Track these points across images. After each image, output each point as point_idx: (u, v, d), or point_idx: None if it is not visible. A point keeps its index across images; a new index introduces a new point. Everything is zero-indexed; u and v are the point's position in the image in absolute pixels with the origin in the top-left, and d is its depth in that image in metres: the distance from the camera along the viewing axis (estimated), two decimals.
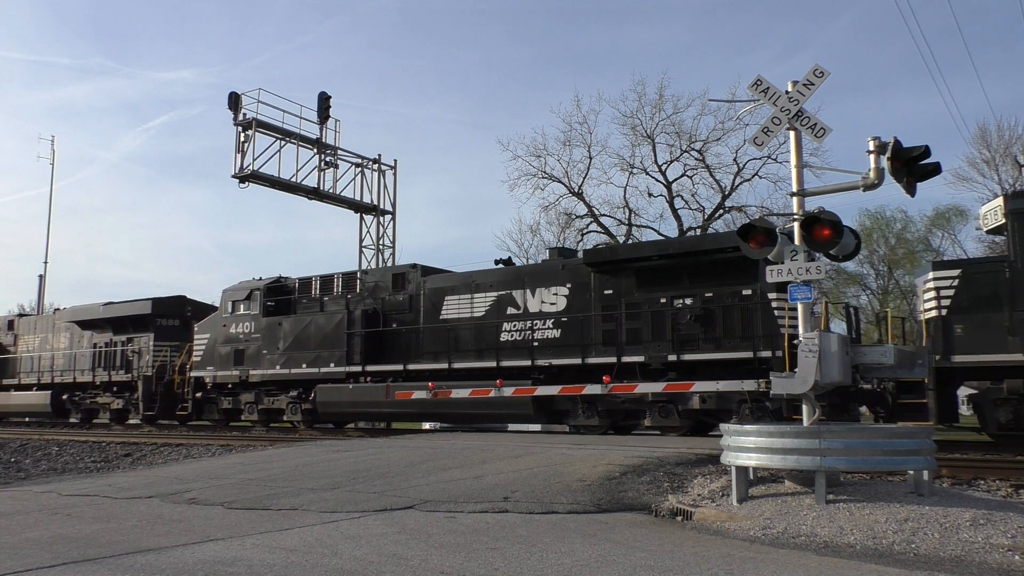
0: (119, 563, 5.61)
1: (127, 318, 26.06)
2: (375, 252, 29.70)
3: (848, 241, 7.89)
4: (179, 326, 25.82)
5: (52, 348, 28.51)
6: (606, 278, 16.37)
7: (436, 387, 18.38)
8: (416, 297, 19.04)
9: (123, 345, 25.93)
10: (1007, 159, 33.90)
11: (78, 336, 27.77)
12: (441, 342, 18.20)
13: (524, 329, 17.25)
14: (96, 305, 27.53)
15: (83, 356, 27.14)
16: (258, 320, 21.41)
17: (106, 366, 26.23)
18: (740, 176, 33.81)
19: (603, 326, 16.20)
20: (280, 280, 22.04)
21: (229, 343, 21.92)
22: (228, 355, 21.88)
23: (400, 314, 19.24)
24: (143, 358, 25.31)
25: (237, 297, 22.14)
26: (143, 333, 25.72)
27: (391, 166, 30.68)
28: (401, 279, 19.49)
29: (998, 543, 5.73)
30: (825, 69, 8.03)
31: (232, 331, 21.93)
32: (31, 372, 28.80)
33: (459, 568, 5.28)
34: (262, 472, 10.94)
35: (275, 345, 20.80)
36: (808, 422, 7.56)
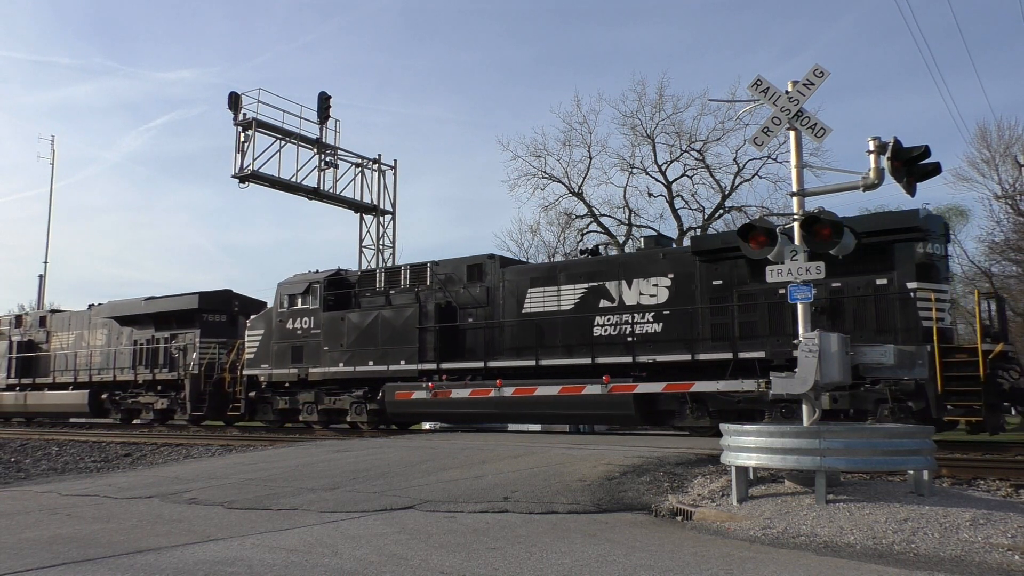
0: (119, 563, 5.61)
1: (171, 313, 24.92)
2: (375, 252, 29.70)
3: (848, 241, 7.90)
4: (226, 322, 24.68)
5: (88, 345, 27.27)
6: (714, 267, 15.18)
7: (436, 387, 18.37)
8: (494, 289, 17.90)
9: (166, 342, 24.75)
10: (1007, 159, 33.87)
11: (116, 332, 26.51)
12: (525, 337, 17.17)
13: (620, 323, 16.09)
14: (137, 300, 26.22)
15: (123, 354, 25.89)
16: (318, 315, 20.17)
17: (148, 364, 25.05)
18: (740, 176, 33.78)
19: (712, 319, 15.07)
20: (339, 273, 20.84)
21: (285, 339, 20.67)
22: (284, 352, 20.66)
23: (476, 308, 18.11)
24: (189, 355, 24.05)
25: (294, 291, 20.81)
26: (188, 329, 24.46)
27: (391, 166, 30.69)
28: (477, 270, 18.35)
29: (998, 543, 5.73)
30: (825, 69, 8.04)
31: (289, 327, 20.66)
32: (66, 370, 27.49)
33: (459, 568, 5.28)
34: (262, 472, 10.95)
35: (338, 341, 19.63)
36: (808, 422, 7.56)
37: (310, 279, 20.70)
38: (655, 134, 34.59)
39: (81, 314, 28.38)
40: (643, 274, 16.10)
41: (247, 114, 25.94)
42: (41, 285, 42.91)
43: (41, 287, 42.93)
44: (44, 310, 29.58)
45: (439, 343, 18.13)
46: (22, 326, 29.83)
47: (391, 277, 19.82)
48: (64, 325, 28.61)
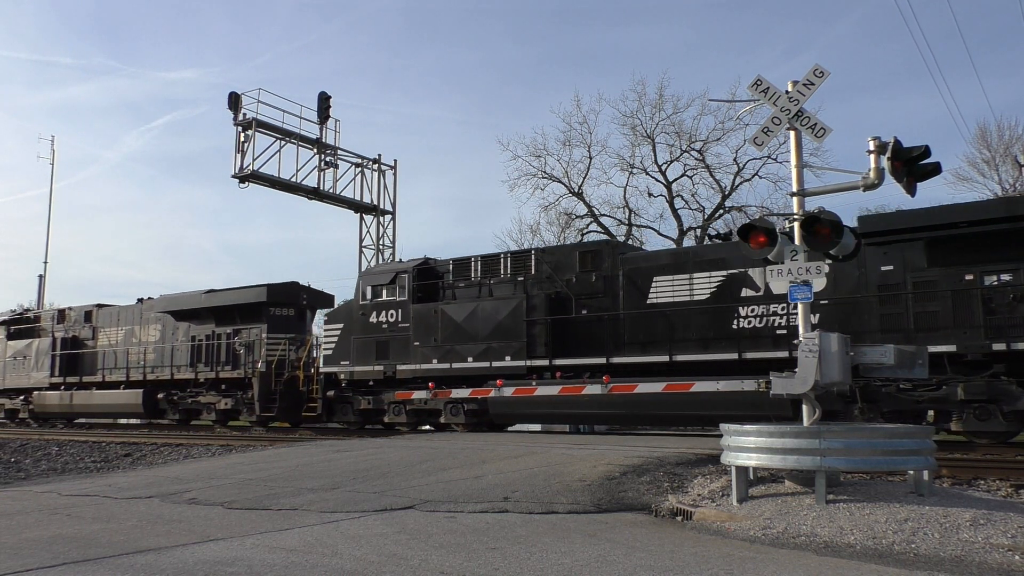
0: (119, 563, 5.61)
1: (234, 307, 23.32)
2: (375, 252, 29.70)
3: (848, 241, 7.89)
4: (294, 316, 23.21)
5: (140, 341, 25.76)
6: (883, 252, 13.71)
7: (436, 387, 18.34)
8: (613, 278, 16.42)
9: (228, 338, 23.23)
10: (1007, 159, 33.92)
11: (171, 328, 25.03)
12: (651, 330, 15.67)
13: (766, 314, 14.61)
14: (196, 293, 24.72)
15: (179, 350, 24.38)
16: (407, 307, 18.71)
17: (208, 361, 23.57)
18: (740, 176, 33.86)
19: (880, 310, 13.66)
20: (428, 262, 19.56)
21: (369, 334, 19.20)
22: (368, 347, 19.18)
23: (592, 298, 16.59)
24: (255, 352, 22.47)
25: (379, 282, 19.37)
26: (254, 324, 22.89)
27: (391, 166, 30.69)
28: (593, 257, 16.82)
29: (998, 543, 5.73)
30: (825, 69, 8.04)
31: (373, 320, 19.16)
32: (116, 368, 25.98)
33: (459, 568, 5.28)
34: (262, 472, 10.94)
35: (430, 336, 18.18)
36: (808, 422, 7.56)
37: (397, 268, 19.48)
38: (655, 134, 34.68)
39: (131, 308, 26.87)
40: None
41: (247, 114, 25.95)
42: (41, 285, 42.98)
43: (41, 287, 43.00)
44: (89, 304, 28.06)
45: (550, 337, 16.68)
46: (65, 321, 28.36)
47: (489, 266, 18.46)
48: (112, 320, 27.05)
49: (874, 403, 13.30)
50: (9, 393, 29.80)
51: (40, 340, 28.35)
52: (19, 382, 28.76)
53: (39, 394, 27.64)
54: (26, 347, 28.75)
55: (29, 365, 28.35)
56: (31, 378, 28.08)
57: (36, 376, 27.86)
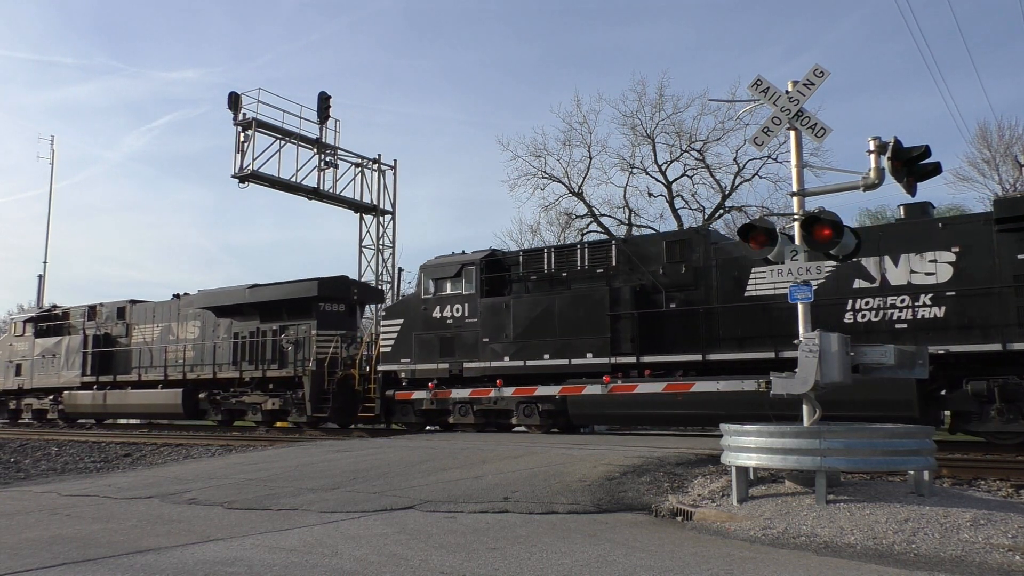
0: (119, 563, 5.61)
1: (281, 303, 22.03)
2: (375, 252, 29.72)
3: (848, 241, 7.89)
4: (344, 312, 21.97)
5: (177, 339, 24.49)
6: (1020, 239, 12.62)
7: (435, 387, 18.32)
8: (705, 270, 15.37)
9: (274, 335, 22.02)
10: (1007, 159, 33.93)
11: (212, 324, 23.76)
12: (750, 325, 14.61)
13: (884, 307, 13.57)
14: (239, 288, 23.31)
15: (221, 348, 23.14)
16: (474, 301, 17.60)
17: (253, 359, 22.25)
18: (740, 176, 33.87)
19: (1017, 301, 12.56)
20: (495, 253, 18.60)
21: (432, 330, 18.10)
22: (431, 344, 18.13)
23: (681, 291, 15.56)
24: (306, 349, 21.26)
25: (442, 274, 18.25)
26: (302, 320, 21.65)
27: (391, 166, 30.70)
28: (681, 247, 15.79)
29: (998, 543, 5.73)
30: (825, 69, 8.03)
31: (436, 315, 18.10)
32: (152, 367, 24.72)
33: (459, 568, 5.28)
34: (262, 472, 10.94)
35: (501, 332, 17.07)
36: (808, 422, 7.56)
37: (463, 260, 18.22)
38: (655, 134, 34.68)
39: (167, 304, 25.48)
40: (914, 248, 13.41)
41: (247, 114, 25.95)
42: (40, 285, 42.96)
43: (40, 287, 42.98)
44: (122, 300, 26.68)
45: (637, 333, 15.57)
46: (96, 318, 26.98)
47: (564, 257, 17.32)
48: (147, 317, 25.71)
49: (1013, 402, 12.47)
50: (37, 393, 28.31)
51: (70, 338, 27.04)
52: (48, 381, 27.38)
53: (70, 394, 26.35)
54: (55, 345, 27.44)
55: (59, 364, 27.02)
56: (61, 377, 26.83)
57: (66, 375, 26.65)
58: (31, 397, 28.51)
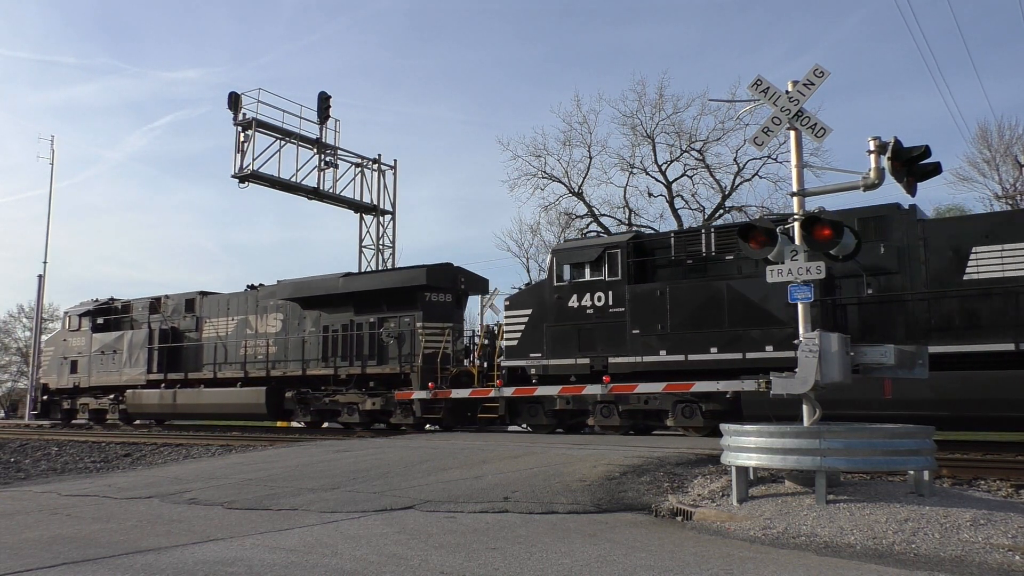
0: (119, 563, 5.61)
1: (381, 293, 20.19)
2: (375, 252, 29.73)
3: (848, 241, 7.89)
4: (451, 302, 20.15)
5: (257, 333, 22.61)
6: None
7: (435, 387, 18.32)
8: (909, 249, 13.58)
9: (372, 328, 20.14)
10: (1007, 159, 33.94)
11: (296, 317, 21.86)
12: (972, 314, 12.97)
13: None
14: (331, 277, 21.48)
15: (309, 343, 21.28)
16: (620, 289, 15.88)
17: (346, 355, 20.43)
18: (740, 176, 33.85)
19: None
20: (640, 235, 17.14)
21: (568, 321, 16.40)
22: (567, 337, 16.41)
23: (879, 275, 13.84)
24: (408, 344, 19.48)
25: (580, 259, 16.49)
26: (405, 311, 19.74)
27: (391, 166, 30.73)
28: (877, 225, 13.96)
29: (998, 543, 5.73)
30: (825, 69, 8.04)
31: (572, 304, 16.37)
32: (228, 363, 22.91)
33: (459, 568, 5.28)
34: (262, 472, 10.94)
35: (655, 322, 15.34)
36: (808, 422, 7.56)
37: (605, 243, 16.56)
38: (655, 134, 34.66)
39: (243, 296, 23.59)
40: None
41: (247, 114, 26.00)
42: (40, 285, 42.96)
43: (40, 287, 42.98)
44: (191, 292, 24.93)
45: (829, 322, 13.59)
46: (160, 311, 25.22)
47: (727, 238, 15.37)
48: (220, 309, 23.81)
49: None
50: (95, 392, 26.22)
51: (133, 332, 25.17)
52: (108, 379, 25.37)
53: (133, 393, 24.39)
54: (116, 340, 25.44)
55: (120, 360, 25.08)
56: (123, 375, 24.92)
57: (129, 372, 24.75)
58: (88, 396, 26.52)
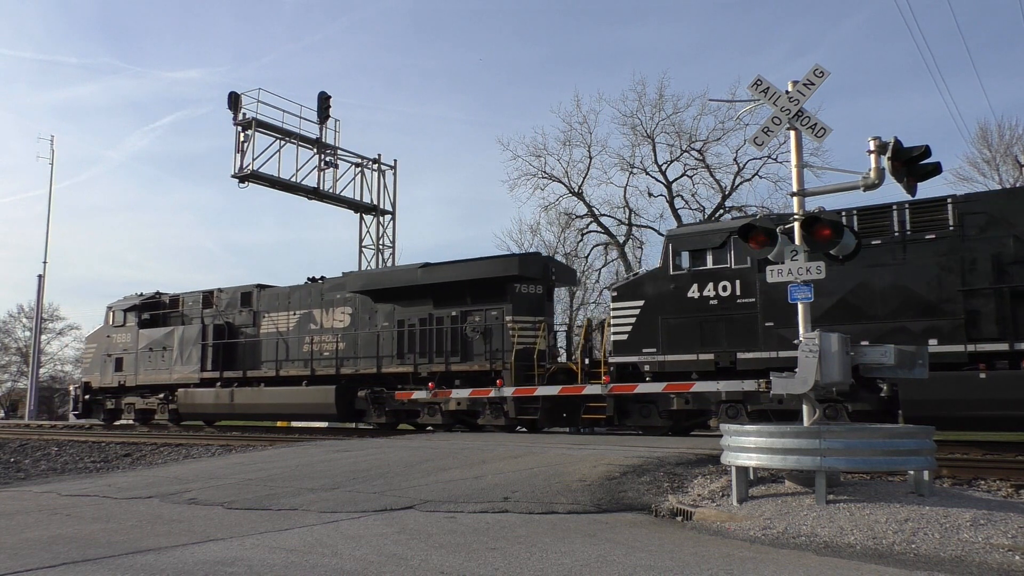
0: (119, 563, 5.61)
1: (465, 284, 18.74)
2: (375, 252, 29.74)
3: (848, 241, 7.90)
4: (541, 294, 18.63)
5: (322, 327, 21.31)
6: None
7: (435, 387, 18.31)
8: None
9: (454, 322, 18.84)
10: (1007, 159, 33.94)
11: (367, 311, 20.52)
12: None
13: None
14: (408, 268, 20.35)
15: (384, 338, 19.96)
16: (749, 276, 14.41)
17: (425, 351, 19.16)
18: (740, 176, 33.89)
19: None
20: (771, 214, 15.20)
21: (688, 313, 15.09)
22: (687, 330, 15.05)
23: None
24: (496, 339, 18.15)
25: (699, 245, 15.22)
26: (493, 304, 18.38)
27: (391, 166, 30.74)
28: None
29: (998, 543, 5.73)
30: (825, 69, 8.04)
31: (693, 295, 15.09)
32: (290, 360, 21.63)
33: (459, 568, 5.28)
34: (262, 472, 10.94)
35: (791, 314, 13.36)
36: (808, 422, 7.56)
37: (730, 227, 14.65)
38: (655, 134, 34.69)
39: (305, 289, 22.24)
40: None
41: (247, 114, 26.03)
42: (40, 285, 42.97)
43: (40, 287, 42.99)
44: (247, 285, 23.61)
45: (1007, 312, 12.37)
46: (214, 305, 23.94)
47: (868, 221, 13.74)
48: (280, 303, 22.49)
49: None
50: (142, 391, 24.85)
51: (185, 328, 23.94)
52: (157, 377, 24.13)
53: (186, 392, 23.13)
54: (165, 336, 24.22)
55: (170, 357, 23.85)
56: (173, 373, 23.73)
57: (181, 370, 23.52)
58: (134, 395, 25.13)
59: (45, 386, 51.53)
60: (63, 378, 58.89)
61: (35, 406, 41.85)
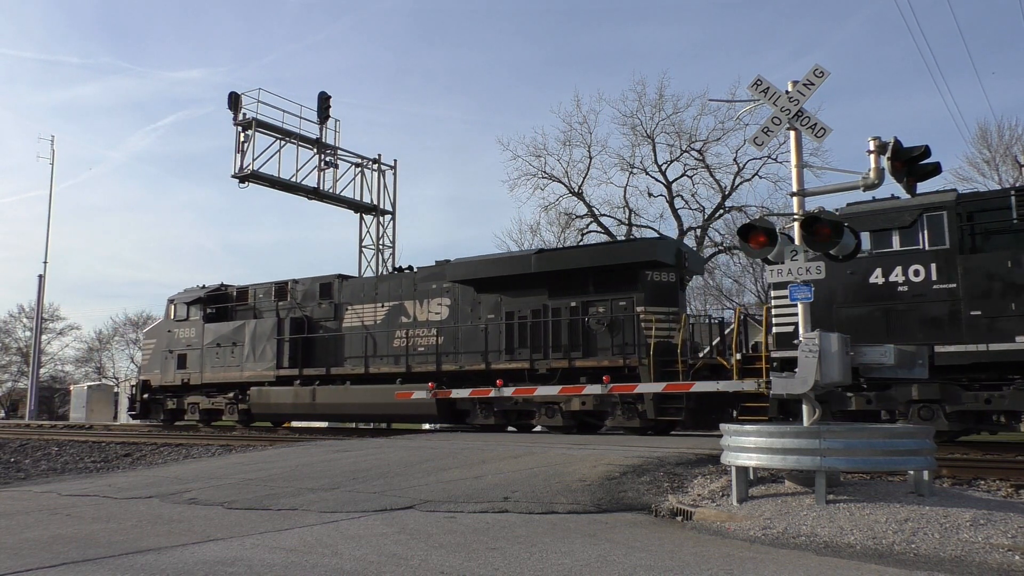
0: (119, 563, 5.61)
1: (589, 272, 17.04)
2: (375, 252, 29.74)
3: (848, 241, 7.90)
4: (674, 283, 16.97)
5: (415, 320, 19.52)
6: None
7: (436, 387, 18.29)
8: None
9: (574, 314, 17.13)
10: (1007, 159, 33.96)
11: (468, 302, 18.81)
12: None
13: None
14: (519, 255, 18.87)
15: (492, 332, 18.21)
16: (948, 259, 12.86)
17: (540, 346, 17.43)
18: (740, 176, 33.88)
19: None
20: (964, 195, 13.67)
21: (867, 301, 13.39)
22: (865, 321, 13.30)
23: None
24: (625, 333, 16.45)
25: (882, 224, 13.45)
26: (621, 294, 16.67)
27: (391, 166, 30.74)
28: None
29: (998, 543, 5.73)
30: (825, 69, 8.04)
31: (876, 280, 13.36)
32: (378, 355, 19.96)
33: (459, 568, 5.28)
34: (262, 472, 10.94)
35: (1005, 301, 12.22)
36: (808, 422, 7.56)
37: (922, 204, 13.16)
38: (655, 134, 34.68)
39: (396, 279, 20.61)
40: None
41: (247, 114, 26.03)
42: (40, 285, 42.98)
43: (40, 287, 43.00)
44: (327, 275, 22.15)
45: None
46: (289, 297, 22.32)
47: None
48: (365, 294, 20.73)
49: None
50: (208, 389, 23.28)
51: (258, 322, 22.28)
52: (226, 375, 22.54)
53: (259, 390, 21.46)
54: (235, 331, 22.61)
55: (241, 354, 22.26)
56: (245, 370, 22.09)
57: (254, 367, 21.88)
58: (198, 395, 23.54)
59: (45, 386, 51.56)
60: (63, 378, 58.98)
61: (35, 406, 41.87)
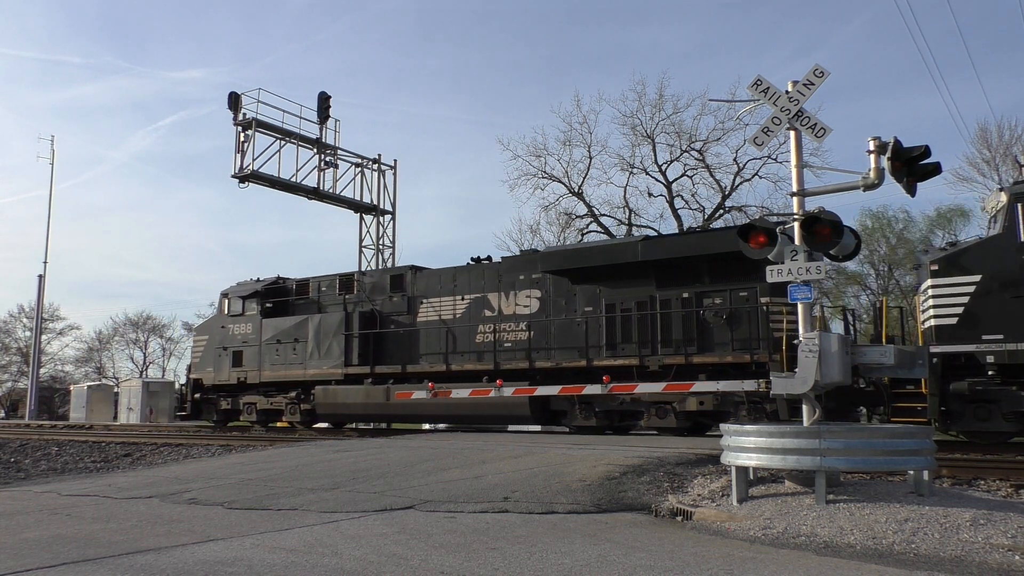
0: (119, 563, 5.61)
1: (703, 260, 15.64)
2: (375, 252, 29.75)
3: (848, 241, 7.90)
4: None
5: (500, 314, 18.09)
6: None
7: (436, 387, 18.27)
8: None
9: (686, 305, 15.78)
10: (1007, 159, 33.95)
11: (563, 294, 17.39)
12: None
13: None
14: (624, 243, 17.67)
15: (592, 326, 16.74)
16: None
17: (648, 341, 16.03)
18: (740, 176, 33.88)
19: None
20: None
21: None
22: None
23: None
24: (748, 325, 15.17)
25: None
26: (741, 284, 15.18)
27: (391, 166, 30.75)
28: None
29: (998, 543, 5.73)
30: (825, 69, 8.04)
31: None
32: (458, 352, 18.52)
33: (459, 568, 5.28)
34: (262, 472, 10.94)
35: None
36: (808, 422, 7.56)
37: None
38: (655, 134, 34.68)
39: (476, 269, 18.98)
40: None
41: (247, 114, 26.05)
42: (41, 285, 43.00)
43: (41, 287, 43.02)
44: (399, 267, 21.12)
45: None
46: (356, 290, 20.80)
47: None
48: (443, 287, 19.26)
49: None
50: (266, 388, 21.84)
51: (322, 316, 20.85)
52: (288, 373, 21.17)
53: (325, 389, 20.17)
54: (297, 326, 21.13)
55: (304, 350, 20.88)
56: (309, 367, 20.75)
57: (319, 365, 20.55)
58: (254, 394, 22.07)
59: (45, 386, 51.56)
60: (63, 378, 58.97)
61: (35, 406, 41.89)
